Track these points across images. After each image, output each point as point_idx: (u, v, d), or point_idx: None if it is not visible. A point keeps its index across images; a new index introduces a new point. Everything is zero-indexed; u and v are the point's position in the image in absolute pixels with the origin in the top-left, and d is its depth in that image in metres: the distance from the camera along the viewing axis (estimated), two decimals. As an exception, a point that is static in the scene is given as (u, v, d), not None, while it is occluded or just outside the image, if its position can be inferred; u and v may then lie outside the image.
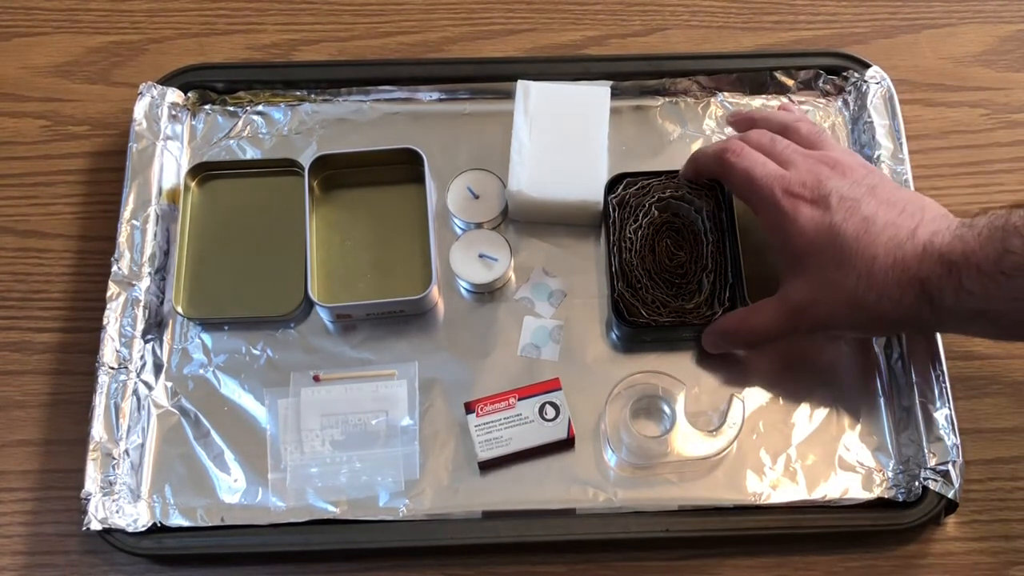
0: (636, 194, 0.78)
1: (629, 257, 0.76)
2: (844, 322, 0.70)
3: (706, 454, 0.73)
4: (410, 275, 0.78)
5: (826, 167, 0.70)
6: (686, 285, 0.76)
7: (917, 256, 0.66)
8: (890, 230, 0.67)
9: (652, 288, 0.75)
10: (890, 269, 0.67)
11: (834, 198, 0.69)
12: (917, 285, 0.66)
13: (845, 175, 0.70)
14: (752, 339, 0.74)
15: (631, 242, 0.77)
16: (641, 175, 0.78)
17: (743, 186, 0.72)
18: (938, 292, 0.65)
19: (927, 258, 0.66)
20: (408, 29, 0.90)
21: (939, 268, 0.65)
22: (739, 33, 0.90)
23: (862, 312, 0.68)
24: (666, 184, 0.78)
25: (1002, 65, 0.89)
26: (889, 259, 0.67)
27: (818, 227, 0.68)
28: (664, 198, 0.78)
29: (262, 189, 0.82)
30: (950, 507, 0.72)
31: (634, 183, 0.78)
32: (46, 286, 0.81)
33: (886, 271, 0.67)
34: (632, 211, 0.77)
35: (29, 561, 0.73)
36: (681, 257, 0.76)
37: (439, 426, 0.75)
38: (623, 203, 0.78)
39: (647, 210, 0.77)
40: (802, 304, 0.70)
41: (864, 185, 0.70)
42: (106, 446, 0.73)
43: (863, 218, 0.68)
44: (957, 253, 0.65)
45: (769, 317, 0.72)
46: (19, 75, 0.88)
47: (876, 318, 0.69)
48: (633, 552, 0.73)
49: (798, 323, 0.71)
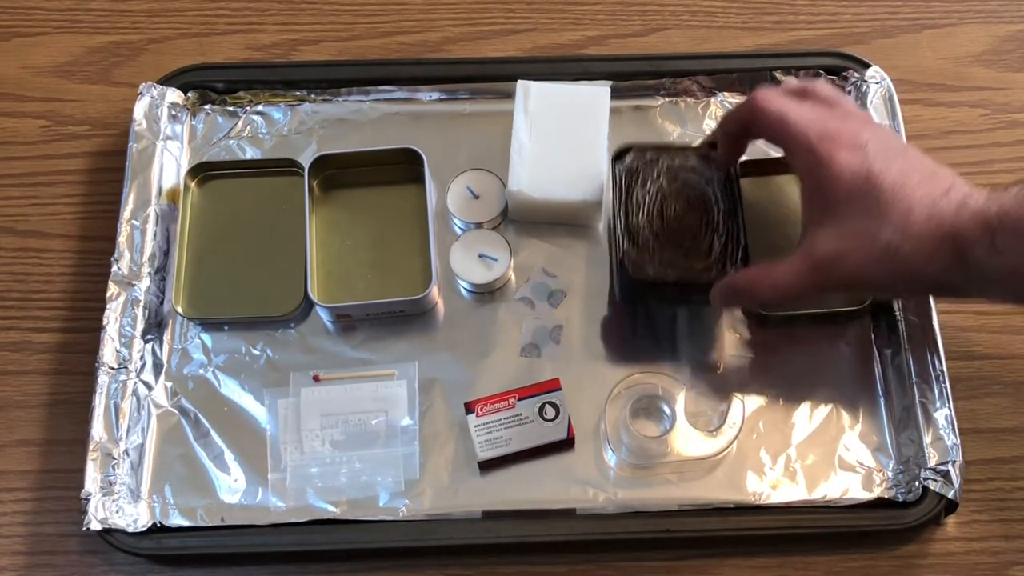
0: (645, 164, 0.76)
1: (636, 220, 0.74)
2: (873, 277, 0.67)
3: (706, 454, 0.73)
4: (410, 275, 0.78)
5: (858, 121, 0.69)
6: (696, 247, 0.73)
7: (953, 211, 0.65)
8: (925, 186, 0.66)
9: (659, 249, 0.73)
10: (926, 221, 0.65)
11: (871, 147, 0.67)
12: (951, 240, 0.64)
13: (877, 131, 0.69)
14: (770, 295, 0.71)
15: (637, 206, 0.74)
16: (649, 147, 0.77)
17: (777, 128, 0.69)
18: (971, 249, 0.64)
19: (962, 214, 0.64)
20: (408, 29, 0.90)
21: (974, 224, 0.64)
22: (739, 33, 0.90)
23: (894, 266, 0.66)
24: (675, 155, 0.76)
25: (1002, 65, 0.89)
26: (924, 212, 0.65)
27: (855, 173, 0.66)
28: (673, 168, 0.76)
29: (262, 189, 0.82)
30: (950, 507, 0.72)
31: (643, 155, 0.76)
32: (46, 286, 0.81)
33: (922, 223, 0.65)
34: (640, 178, 0.75)
35: (29, 561, 0.73)
36: (691, 220, 0.74)
37: (439, 426, 0.75)
38: (631, 172, 0.76)
39: (656, 178, 0.75)
40: (830, 256, 0.67)
41: (897, 142, 0.69)
42: (106, 446, 0.73)
43: (900, 169, 0.66)
44: (992, 212, 0.64)
45: (791, 272, 0.69)
46: (19, 75, 0.88)
47: (907, 273, 0.67)
48: (633, 552, 0.73)
49: (824, 278, 0.68)
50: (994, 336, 0.79)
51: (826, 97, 0.71)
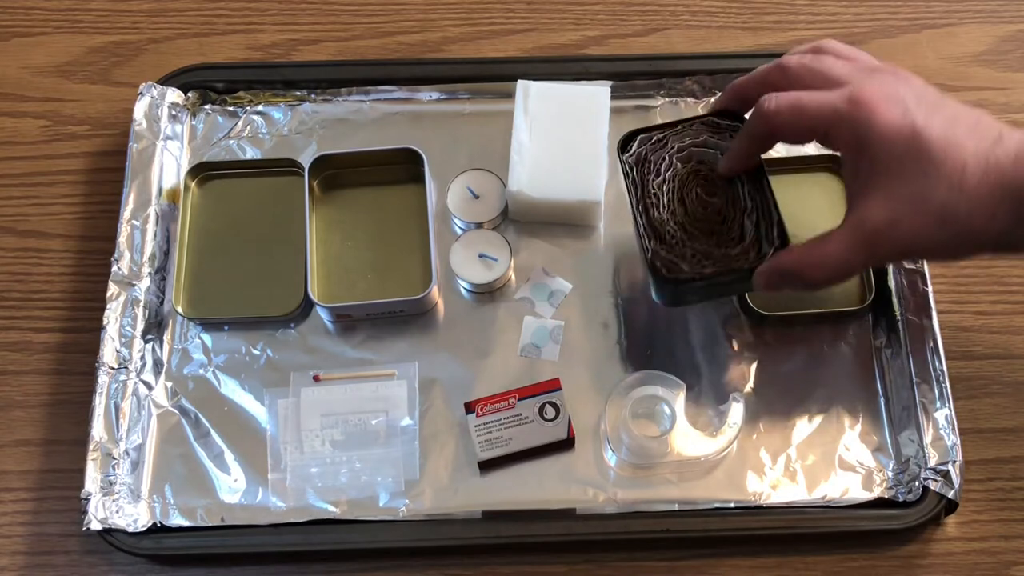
0: (654, 148, 0.72)
1: (658, 214, 0.70)
2: (930, 242, 0.62)
3: (706, 454, 0.73)
4: (410, 275, 0.78)
5: (887, 74, 0.63)
6: (727, 232, 0.69)
7: (1011, 162, 0.59)
8: (976, 134, 0.60)
9: (689, 241, 0.69)
10: (983, 176, 0.59)
11: (911, 100, 0.61)
12: (1013, 195, 0.59)
13: (909, 81, 0.63)
14: (818, 276, 0.65)
15: (656, 198, 0.70)
16: (655, 129, 0.72)
17: (797, 122, 0.64)
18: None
19: (1021, 164, 0.59)
20: (408, 29, 0.90)
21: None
22: (739, 33, 0.90)
23: (952, 228, 0.61)
24: (683, 133, 0.72)
25: (1002, 65, 0.89)
26: (981, 165, 0.59)
27: (900, 130, 0.60)
28: (684, 147, 0.71)
29: (262, 189, 0.82)
30: (950, 507, 0.72)
31: (649, 138, 0.72)
32: (46, 286, 0.81)
33: (979, 178, 0.59)
34: (653, 166, 0.71)
35: (29, 561, 0.73)
36: (716, 203, 0.70)
37: (439, 426, 0.75)
38: (641, 160, 0.71)
39: (669, 162, 0.71)
40: (881, 226, 0.62)
41: (932, 91, 0.63)
42: (106, 446, 0.73)
43: (945, 118, 0.60)
44: None
45: (841, 248, 0.63)
46: (19, 75, 0.88)
47: (965, 234, 0.61)
48: (633, 552, 0.73)
49: (876, 251, 0.63)
50: (994, 336, 0.79)
51: (844, 53, 0.66)
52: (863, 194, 0.63)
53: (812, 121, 0.64)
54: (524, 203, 0.79)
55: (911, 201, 0.61)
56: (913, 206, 0.61)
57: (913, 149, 0.60)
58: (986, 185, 0.60)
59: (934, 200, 0.60)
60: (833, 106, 0.62)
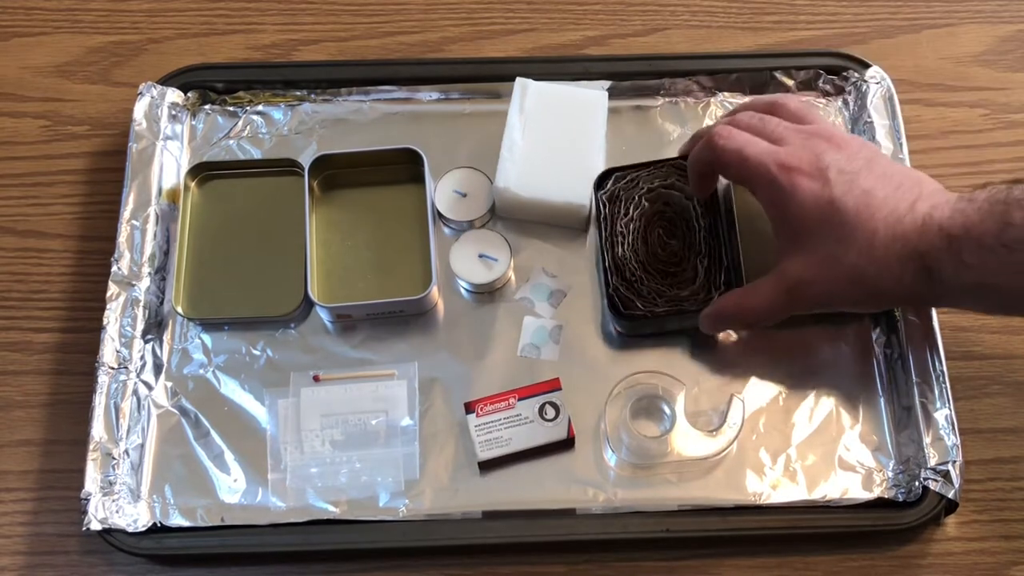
0: (625, 187, 0.77)
1: (623, 251, 0.76)
2: (844, 298, 0.70)
3: (706, 454, 0.73)
4: (410, 275, 0.78)
5: (821, 140, 0.69)
6: (681, 273, 0.76)
7: (917, 229, 0.66)
8: (889, 203, 0.67)
9: (647, 280, 0.75)
10: (891, 243, 0.66)
11: (832, 171, 0.67)
12: (917, 259, 0.66)
13: (841, 148, 0.69)
14: (750, 319, 0.73)
15: (623, 236, 0.76)
16: (629, 168, 0.78)
17: (737, 167, 0.70)
18: (937, 265, 0.65)
19: (927, 231, 0.65)
20: (408, 29, 0.90)
21: (939, 241, 0.65)
22: (739, 33, 0.90)
23: (862, 287, 0.68)
24: (654, 174, 0.78)
25: (1002, 65, 0.89)
26: (889, 233, 0.66)
27: (817, 201, 0.67)
28: (653, 188, 0.77)
29: (262, 189, 0.82)
30: (950, 507, 0.72)
31: (623, 176, 0.78)
32: (46, 286, 0.81)
33: (887, 245, 0.66)
34: (622, 204, 0.77)
35: (29, 561, 0.73)
36: (674, 245, 0.76)
37: (439, 426, 0.75)
38: (613, 198, 0.77)
39: (637, 202, 0.77)
40: (801, 281, 0.69)
41: (861, 158, 0.69)
42: (106, 446, 0.73)
43: (862, 191, 0.67)
44: (957, 226, 0.64)
45: (767, 296, 0.71)
46: (19, 75, 0.88)
47: (876, 293, 0.68)
48: (633, 552, 0.73)
49: (796, 301, 0.70)
50: (994, 336, 0.79)
51: (793, 112, 0.73)
52: (786, 251, 0.70)
53: (748, 171, 0.70)
54: (510, 201, 0.79)
55: (825, 263, 0.68)
56: (827, 267, 0.68)
57: (827, 218, 0.67)
58: (893, 251, 0.66)
59: (845, 263, 0.67)
60: (766, 164, 0.69)
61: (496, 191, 0.79)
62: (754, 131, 0.71)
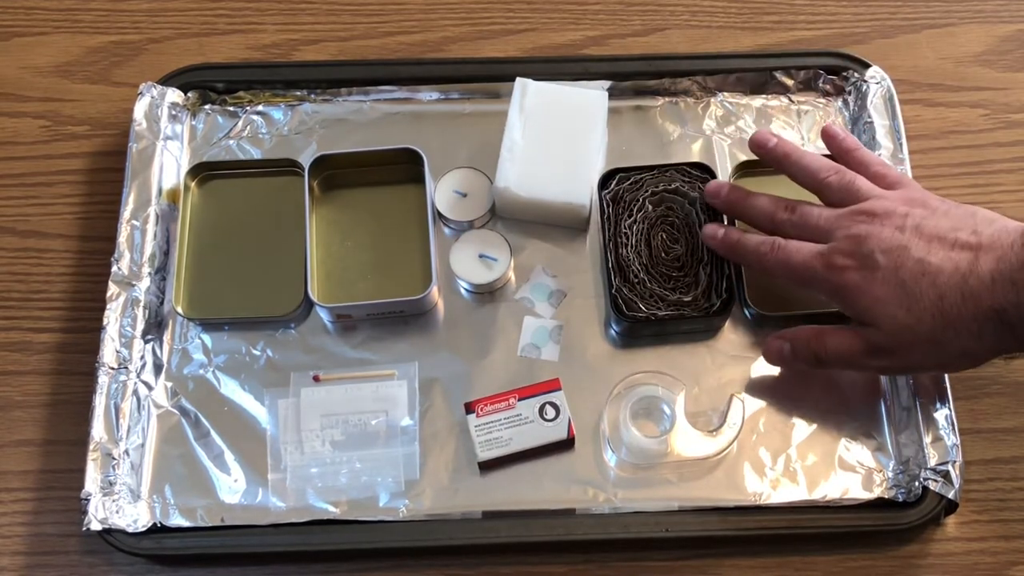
0: (629, 189, 0.78)
1: (626, 252, 0.76)
2: (930, 363, 0.69)
3: (706, 454, 0.73)
4: (410, 275, 0.78)
5: (862, 225, 0.68)
6: (683, 278, 0.76)
7: (986, 287, 0.64)
8: (949, 265, 0.66)
9: (649, 282, 0.75)
10: (961, 305, 0.65)
11: (879, 255, 0.67)
12: (994, 316, 0.64)
13: (884, 223, 0.68)
14: (822, 357, 0.71)
15: (626, 237, 0.77)
16: (633, 170, 0.78)
17: (786, 276, 0.71)
18: (1019, 321, 0.64)
19: (997, 287, 0.64)
20: (408, 29, 0.90)
21: (1013, 295, 0.63)
22: (739, 33, 0.90)
23: (945, 351, 0.67)
24: (658, 178, 0.78)
25: (1002, 65, 0.89)
26: (957, 296, 0.65)
27: (872, 284, 0.67)
28: (657, 192, 0.78)
29: (262, 189, 0.82)
30: (950, 507, 0.72)
31: (627, 178, 0.78)
32: (46, 286, 0.81)
33: (958, 307, 0.65)
34: (626, 206, 0.77)
35: (29, 561, 0.73)
36: (677, 250, 0.76)
37: (439, 426, 0.75)
38: (616, 198, 0.78)
39: (641, 204, 0.77)
40: (883, 346, 0.68)
41: (908, 228, 0.67)
42: (106, 446, 0.73)
43: (916, 261, 0.66)
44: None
45: (849, 342, 0.70)
46: (19, 75, 0.88)
47: (960, 355, 0.67)
48: (633, 552, 0.73)
49: (876, 360, 0.69)
50: (994, 336, 0.79)
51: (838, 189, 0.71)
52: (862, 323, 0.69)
53: (795, 274, 0.71)
54: (510, 200, 0.79)
55: (903, 332, 0.67)
56: (905, 335, 0.67)
57: (889, 296, 0.67)
58: (967, 313, 0.65)
59: (921, 330, 0.66)
60: (814, 268, 0.69)
61: (496, 191, 0.79)
62: (797, 230, 0.71)
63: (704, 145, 0.84)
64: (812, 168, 0.73)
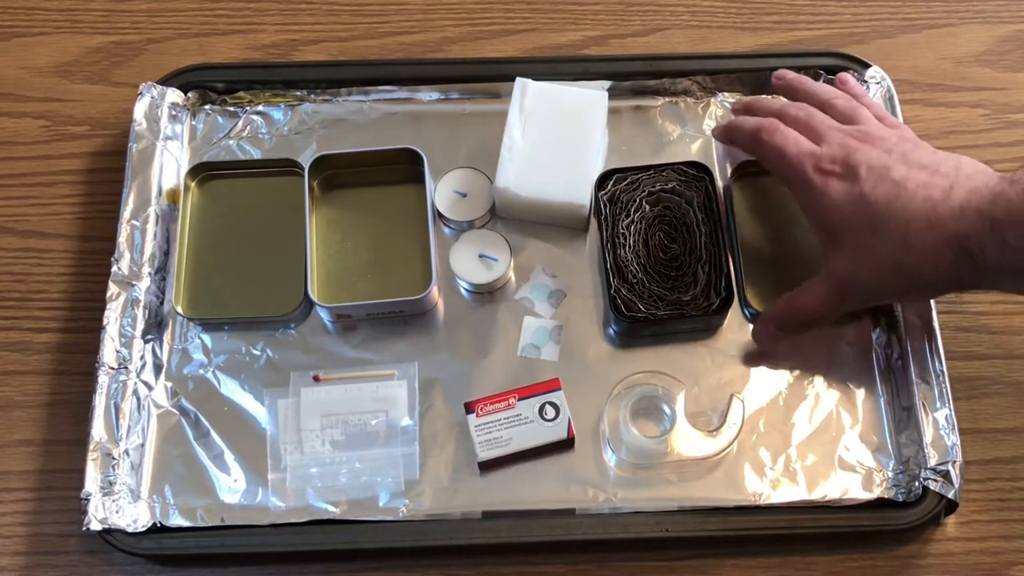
0: (626, 189, 0.78)
1: (624, 253, 0.76)
2: (889, 290, 0.71)
3: (706, 454, 0.73)
4: (410, 275, 0.78)
5: (856, 140, 0.71)
6: (681, 277, 0.76)
7: (954, 215, 0.66)
8: (922, 192, 0.67)
9: (648, 282, 0.76)
10: (926, 230, 0.66)
11: (863, 169, 0.69)
12: (955, 243, 0.66)
13: (876, 145, 0.70)
14: (804, 318, 0.73)
15: (624, 237, 0.77)
16: (630, 170, 0.79)
17: (775, 162, 0.73)
18: (979, 249, 0.65)
19: (965, 216, 0.65)
20: (408, 29, 0.90)
21: (979, 225, 0.65)
22: (739, 33, 0.90)
23: (904, 277, 0.68)
24: (655, 178, 0.79)
25: (1002, 65, 0.89)
26: (923, 221, 0.66)
27: (847, 198, 0.69)
28: (654, 192, 0.78)
29: (262, 189, 0.82)
30: (950, 507, 0.72)
31: (624, 178, 0.78)
32: (46, 286, 0.81)
33: (921, 233, 0.66)
34: (623, 206, 0.78)
35: (29, 561, 0.73)
36: (675, 250, 0.77)
37: (439, 426, 0.75)
38: (614, 199, 0.78)
39: (638, 204, 0.78)
40: (847, 276, 0.70)
41: (896, 152, 0.70)
42: (106, 446, 0.73)
43: (893, 183, 0.68)
44: (1000, 209, 0.64)
45: (818, 295, 0.72)
46: (19, 75, 0.88)
47: (918, 282, 0.69)
48: (633, 552, 0.73)
49: (846, 296, 0.71)
50: (994, 336, 0.79)
51: (841, 111, 0.74)
52: (827, 250, 0.71)
53: (785, 169, 0.72)
54: (510, 200, 0.79)
55: (865, 257, 0.69)
56: (867, 261, 0.69)
57: (860, 213, 0.68)
58: (930, 238, 0.66)
59: (883, 254, 0.68)
60: (803, 165, 0.71)
61: (496, 191, 0.79)
62: (799, 126, 0.73)
63: (704, 145, 0.84)
64: (822, 90, 0.77)
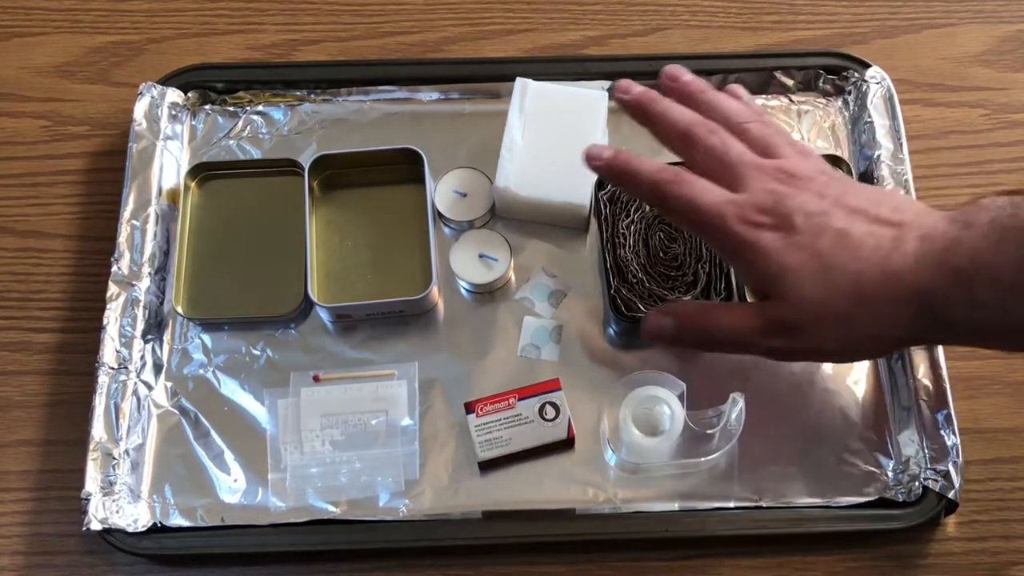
0: None
1: (624, 252, 0.76)
2: (832, 346, 0.63)
3: (706, 454, 0.73)
4: (410, 275, 0.78)
5: (782, 184, 0.62)
6: (682, 277, 0.76)
7: (911, 267, 0.59)
8: (871, 240, 0.60)
9: (648, 282, 0.75)
10: (880, 283, 0.59)
11: (798, 217, 0.61)
12: (916, 298, 0.59)
13: (806, 188, 0.62)
14: (711, 335, 0.66)
15: (624, 237, 0.77)
16: None
17: (687, 217, 0.64)
18: (944, 305, 0.58)
19: (923, 266, 0.59)
20: (408, 29, 0.90)
21: (942, 278, 0.58)
22: (739, 33, 0.90)
23: (853, 334, 0.61)
24: None
25: (1002, 65, 0.89)
26: (877, 273, 0.59)
27: (787, 249, 0.61)
28: None
29: (262, 189, 0.82)
30: (950, 507, 0.72)
31: None
32: (46, 286, 0.81)
33: (876, 285, 0.60)
34: (623, 206, 0.77)
35: (29, 561, 0.73)
36: (675, 249, 0.77)
37: (439, 426, 0.75)
38: (614, 199, 0.78)
39: (638, 204, 0.77)
40: (786, 323, 0.62)
41: (829, 196, 0.62)
42: (106, 446, 0.73)
43: (836, 232, 0.60)
44: (963, 258, 0.57)
45: (742, 319, 0.64)
46: (19, 75, 0.88)
47: (868, 339, 0.62)
48: (633, 552, 0.73)
49: (775, 340, 0.63)
50: (994, 336, 0.79)
51: (758, 138, 0.65)
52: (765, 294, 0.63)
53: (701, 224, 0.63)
54: (510, 200, 0.79)
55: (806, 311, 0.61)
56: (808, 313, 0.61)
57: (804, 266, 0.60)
58: (886, 293, 0.59)
59: (829, 310, 0.60)
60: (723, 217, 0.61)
61: (496, 191, 0.79)
62: (711, 159, 0.64)
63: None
64: (733, 109, 0.66)
